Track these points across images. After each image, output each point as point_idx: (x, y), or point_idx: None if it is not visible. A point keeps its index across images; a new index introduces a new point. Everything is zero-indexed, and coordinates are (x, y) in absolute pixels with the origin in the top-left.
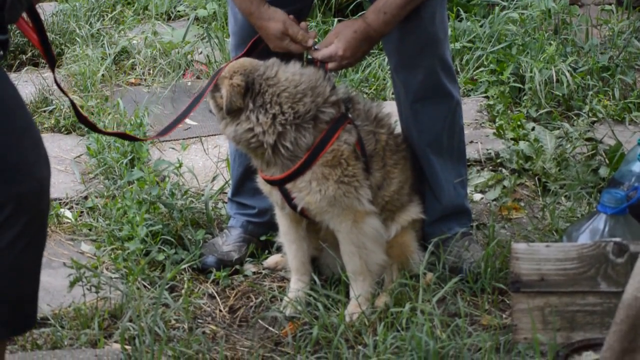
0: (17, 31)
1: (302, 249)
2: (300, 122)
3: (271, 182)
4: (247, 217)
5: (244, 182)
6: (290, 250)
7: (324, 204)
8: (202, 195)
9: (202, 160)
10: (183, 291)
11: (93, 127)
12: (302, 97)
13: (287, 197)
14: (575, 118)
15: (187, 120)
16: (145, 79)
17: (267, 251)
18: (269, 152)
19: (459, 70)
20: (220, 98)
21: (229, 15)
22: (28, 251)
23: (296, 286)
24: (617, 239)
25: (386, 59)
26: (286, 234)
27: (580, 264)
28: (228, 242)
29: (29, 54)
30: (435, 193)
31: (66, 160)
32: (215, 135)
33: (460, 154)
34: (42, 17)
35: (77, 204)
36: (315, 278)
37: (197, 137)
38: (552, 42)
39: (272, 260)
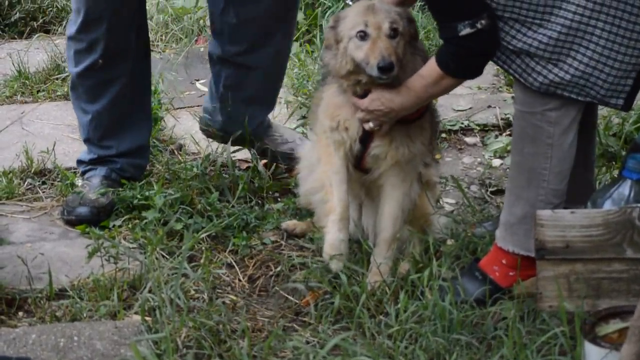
0: None
1: (346, 192)
2: None
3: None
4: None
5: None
6: (339, 192)
7: (405, 158)
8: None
9: None
10: (202, 261)
11: None
12: None
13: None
14: None
15: (201, 87)
16: (157, 45)
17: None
18: None
19: None
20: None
21: None
22: None
23: (340, 235)
24: None
25: None
26: (338, 172)
27: (606, 230)
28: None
29: (40, 20)
30: None
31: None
32: None
33: None
34: None
35: None
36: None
37: None
38: None
39: (291, 222)
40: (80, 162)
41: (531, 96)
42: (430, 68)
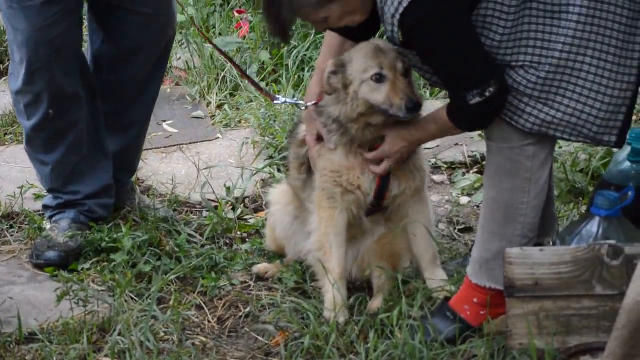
0: None
1: (344, 254)
2: None
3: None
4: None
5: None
6: (338, 254)
7: (422, 180)
8: (186, 202)
9: (184, 169)
10: (171, 302)
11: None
12: None
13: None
14: None
15: (168, 128)
16: None
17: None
18: None
19: None
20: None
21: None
22: None
23: (340, 293)
24: (612, 242)
25: None
26: (339, 235)
27: (575, 267)
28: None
29: (6, 64)
30: None
31: None
32: (196, 142)
33: None
34: None
35: None
36: (306, 287)
37: (179, 145)
38: None
39: (262, 266)
40: (46, 207)
41: (510, 132)
42: (442, 116)
